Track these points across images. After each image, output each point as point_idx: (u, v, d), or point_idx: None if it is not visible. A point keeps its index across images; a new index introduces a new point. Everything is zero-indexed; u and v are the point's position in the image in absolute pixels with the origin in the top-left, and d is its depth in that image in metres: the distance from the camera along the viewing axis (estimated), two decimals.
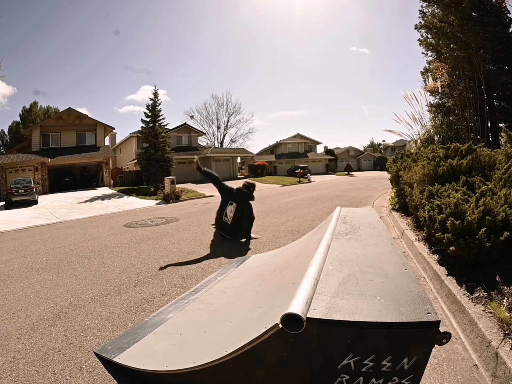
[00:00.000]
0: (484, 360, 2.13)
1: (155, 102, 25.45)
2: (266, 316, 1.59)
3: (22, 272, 4.90)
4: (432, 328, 1.28)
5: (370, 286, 1.57)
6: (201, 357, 1.70)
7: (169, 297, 3.50)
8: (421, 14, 14.03)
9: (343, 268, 1.78)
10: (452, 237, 3.21)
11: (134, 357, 2.21)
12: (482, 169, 4.81)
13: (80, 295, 3.76)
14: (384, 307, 1.36)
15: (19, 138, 43.34)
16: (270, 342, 1.36)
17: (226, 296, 2.82)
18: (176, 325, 2.59)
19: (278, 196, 15.11)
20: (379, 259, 1.93)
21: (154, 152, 23.91)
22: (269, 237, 6.03)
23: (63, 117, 31.06)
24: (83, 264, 5.11)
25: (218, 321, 2.28)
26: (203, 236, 6.57)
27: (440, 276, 3.34)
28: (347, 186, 18.00)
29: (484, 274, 3.05)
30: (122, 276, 4.35)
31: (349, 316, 1.31)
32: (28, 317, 3.27)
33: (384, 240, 2.35)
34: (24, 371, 2.32)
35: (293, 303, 1.33)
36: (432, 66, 14.26)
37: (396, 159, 8.64)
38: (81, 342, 2.69)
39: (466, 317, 2.56)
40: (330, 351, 1.36)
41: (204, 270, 4.34)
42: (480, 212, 3.23)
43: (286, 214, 8.70)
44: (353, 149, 62.88)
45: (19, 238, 8.57)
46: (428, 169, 5.18)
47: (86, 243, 6.77)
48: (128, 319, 3.06)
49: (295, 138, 54.28)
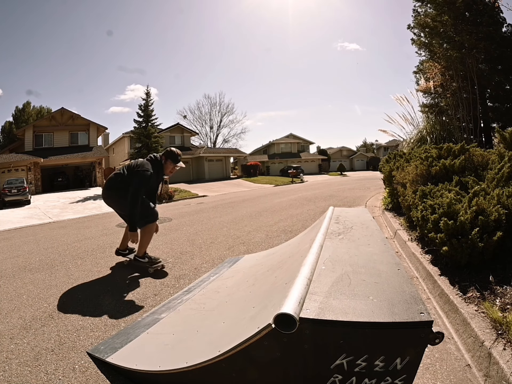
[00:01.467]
0: (477, 360, 2.13)
1: (147, 102, 25.40)
2: (259, 316, 1.59)
3: (15, 272, 4.86)
4: (425, 328, 1.28)
5: (363, 286, 1.57)
6: (194, 357, 1.69)
7: (162, 297, 3.49)
8: (414, 13, 14.08)
9: (336, 268, 1.78)
10: (445, 237, 3.22)
11: (127, 357, 2.20)
12: (475, 169, 4.83)
13: (73, 295, 3.73)
14: (377, 307, 1.36)
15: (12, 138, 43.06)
16: (263, 342, 1.36)
17: (219, 296, 2.82)
18: (169, 325, 2.58)
19: (271, 196, 15.13)
20: (372, 259, 1.93)
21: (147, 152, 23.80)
22: (262, 237, 6.03)
23: (56, 117, 30.91)
24: (76, 264, 5.07)
25: (211, 321, 2.27)
26: (195, 236, 6.56)
27: (433, 276, 3.35)
28: (340, 186, 18.05)
29: (477, 274, 3.06)
30: (115, 276, 4.33)
31: (342, 316, 1.31)
32: (21, 317, 3.24)
33: (377, 240, 2.36)
34: (17, 371, 2.30)
35: (286, 303, 1.32)
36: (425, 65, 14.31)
37: (389, 159, 8.67)
38: (74, 342, 2.67)
39: (459, 317, 2.57)
40: (323, 351, 1.36)
41: (197, 270, 4.33)
42: (473, 212, 3.24)
43: (279, 214, 8.70)
44: (346, 149, 63.10)
45: (12, 238, 8.50)
46: (421, 169, 5.20)
47: (79, 243, 6.73)
48: (121, 319, 3.04)
49: (288, 138, 54.38)
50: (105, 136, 39.86)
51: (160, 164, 4.41)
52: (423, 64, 14.72)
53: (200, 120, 60.27)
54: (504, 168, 3.84)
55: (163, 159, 4.43)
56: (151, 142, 24.19)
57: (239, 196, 16.84)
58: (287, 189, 20.69)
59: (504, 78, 12.73)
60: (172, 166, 4.45)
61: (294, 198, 12.87)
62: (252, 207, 10.77)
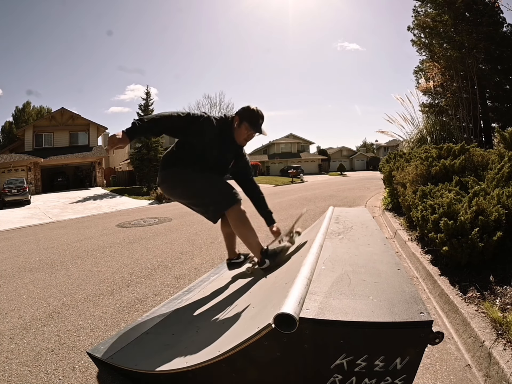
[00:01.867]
0: (477, 360, 2.13)
1: (147, 102, 25.51)
2: (259, 316, 1.59)
3: (15, 272, 4.87)
4: (424, 328, 1.27)
5: (363, 286, 1.56)
6: (194, 358, 1.69)
7: (162, 297, 3.49)
8: (414, 13, 14.08)
9: (336, 268, 1.77)
10: (445, 237, 3.22)
11: (127, 357, 2.20)
12: (475, 169, 4.83)
13: (73, 295, 3.74)
14: (377, 307, 1.36)
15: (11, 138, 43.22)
16: (263, 342, 1.35)
17: (219, 296, 2.81)
18: (168, 325, 2.58)
19: (271, 196, 15.10)
20: (372, 259, 1.92)
21: (147, 152, 23.93)
22: (262, 237, 5.94)
23: (56, 117, 31.01)
24: (76, 264, 5.08)
25: (211, 321, 2.27)
26: (195, 236, 6.55)
27: (433, 276, 3.34)
28: (340, 186, 18.02)
29: (477, 274, 3.05)
30: (115, 276, 4.33)
31: (342, 316, 1.31)
32: (21, 317, 3.24)
33: (377, 240, 2.35)
34: (17, 371, 2.30)
35: (286, 303, 1.32)
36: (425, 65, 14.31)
37: (389, 159, 8.65)
38: (74, 342, 2.67)
39: (459, 317, 2.57)
40: (323, 351, 1.35)
41: (197, 270, 4.33)
42: (473, 212, 3.24)
43: (279, 214, 8.68)
44: (346, 149, 63.17)
45: (12, 238, 8.51)
46: (421, 169, 5.20)
47: (79, 243, 6.74)
48: (121, 319, 3.05)
49: (288, 138, 54.43)
50: (105, 136, 39.82)
51: (229, 125, 2.87)
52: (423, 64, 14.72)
53: None
54: (504, 168, 3.84)
55: (236, 121, 2.83)
56: (151, 142, 24.22)
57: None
58: (287, 189, 20.68)
59: (504, 78, 12.74)
60: (249, 133, 2.86)
61: (294, 198, 12.86)
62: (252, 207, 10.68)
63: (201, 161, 2.79)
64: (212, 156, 2.81)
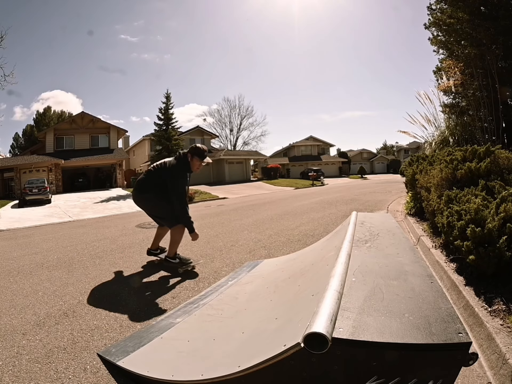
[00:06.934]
0: (499, 378, 1.98)
1: (167, 105, 25.87)
2: (284, 331, 1.49)
3: (32, 269, 4.91)
4: (462, 350, 1.18)
5: (397, 301, 1.46)
6: (210, 370, 1.61)
7: (180, 300, 3.42)
8: (429, 11, 13.74)
9: (367, 281, 1.67)
10: (472, 245, 3.06)
11: (139, 362, 2.14)
12: (501, 173, 4.61)
13: (90, 294, 3.72)
14: (413, 326, 1.25)
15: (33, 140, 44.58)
16: (289, 361, 1.26)
17: (238, 303, 2.73)
18: (184, 330, 2.51)
19: (291, 199, 15.03)
20: (403, 270, 1.81)
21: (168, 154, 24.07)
22: (283, 241, 5.91)
23: (76, 120, 32.00)
24: (94, 263, 5.08)
25: (229, 329, 2.19)
26: (216, 238, 6.49)
27: (458, 287, 3.18)
28: (361, 190, 17.84)
29: (503, 285, 2.89)
30: (133, 276, 4.30)
31: (377, 336, 1.20)
32: (35, 313, 3.24)
33: (405, 249, 2.24)
34: (26, 367, 2.28)
35: (317, 320, 1.22)
36: (444, 64, 13.96)
37: (412, 162, 8.44)
38: (87, 342, 2.63)
39: (484, 331, 2.41)
40: (353, 373, 1.25)
41: (216, 273, 4.25)
42: (500, 219, 3.07)
43: (300, 218, 8.58)
44: (366, 152, 62.69)
45: (31, 236, 8.64)
46: (446, 173, 5.02)
47: (98, 243, 6.77)
48: (136, 321, 2.99)
49: (308, 141, 54.38)
50: (126, 139, 40.73)
51: (187, 161, 4.35)
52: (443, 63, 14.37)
53: (220, 122, 60.75)
54: None
55: (189, 156, 4.34)
56: (172, 144, 24.57)
57: (260, 199, 16.81)
58: (308, 192, 20.57)
59: None
60: (199, 163, 4.35)
61: (315, 201, 12.74)
62: (273, 210, 10.67)
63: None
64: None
